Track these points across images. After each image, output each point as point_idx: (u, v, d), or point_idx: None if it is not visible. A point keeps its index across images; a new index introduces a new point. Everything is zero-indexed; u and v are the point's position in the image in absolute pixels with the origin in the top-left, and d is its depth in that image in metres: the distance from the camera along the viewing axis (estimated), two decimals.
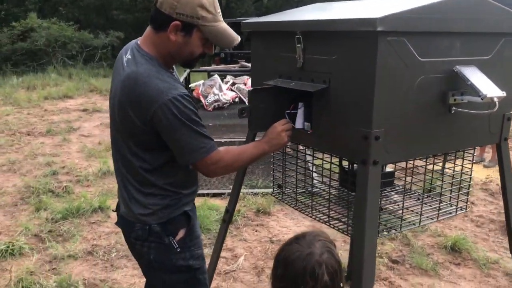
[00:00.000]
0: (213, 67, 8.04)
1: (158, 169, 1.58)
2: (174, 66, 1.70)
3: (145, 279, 3.09)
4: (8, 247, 3.30)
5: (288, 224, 3.98)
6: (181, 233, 1.65)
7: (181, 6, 1.48)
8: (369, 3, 1.73)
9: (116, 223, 1.78)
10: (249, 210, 4.17)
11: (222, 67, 8.33)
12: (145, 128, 1.50)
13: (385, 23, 1.34)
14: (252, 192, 4.52)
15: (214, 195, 4.45)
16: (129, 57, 1.56)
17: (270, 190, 4.59)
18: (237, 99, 7.23)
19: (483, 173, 5.30)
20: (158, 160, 1.57)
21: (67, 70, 13.06)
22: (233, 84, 7.53)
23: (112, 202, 4.31)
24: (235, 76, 7.89)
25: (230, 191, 4.55)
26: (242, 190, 4.57)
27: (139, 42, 1.60)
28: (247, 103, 1.83)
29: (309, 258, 1.24)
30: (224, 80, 7.59)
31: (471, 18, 1.53)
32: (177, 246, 1.62)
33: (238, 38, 1.61)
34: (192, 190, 1.70)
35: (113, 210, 2.00)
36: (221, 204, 4.26)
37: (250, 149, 1.65)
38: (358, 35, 1.41)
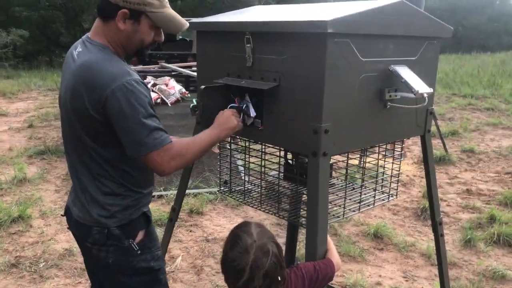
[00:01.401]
0: (132, 67, 7.81)
1: (116, 165, 1.55)
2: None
3: None
4: None
5: (222, 222, 4.03)
6: (140, 235, 1.63)
7: None
8: (311, 7, 1.85)
9: (69, 228, 1.70)
10: (182, 211, 4.14)
11: (141, 67, 8.12)
12: (98, 117, 1.45)
13: (334, 25, 1.45)
14: None
15: None
16: (80, 50, 1.53)
17: (201, 190, 4.61)
18: (159, 100, 7.11)
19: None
20: (115, 155, 1.54)
21: None
22: (154, 85, 7.40)
23: (33, 211, 4.04)
24: (156, 77, 7.75)
25: (159, 193, 4.51)
26: (172, 192, 4.56)
27: (89, 35, 1.58)
28: (194, 101, 1.85)
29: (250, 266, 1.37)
30: (145, 81, 7.42)
31: (403, 23, 1.71)
32: (137, 248, 1.60)
33: (186, 24, 1.64)
34: (149, 189, 1.69)
35: (61, 215, 1.91)
36: (151, 206, 4.19)
37: (201, 137, 1.60)
38: (309, 36, 1.51)
